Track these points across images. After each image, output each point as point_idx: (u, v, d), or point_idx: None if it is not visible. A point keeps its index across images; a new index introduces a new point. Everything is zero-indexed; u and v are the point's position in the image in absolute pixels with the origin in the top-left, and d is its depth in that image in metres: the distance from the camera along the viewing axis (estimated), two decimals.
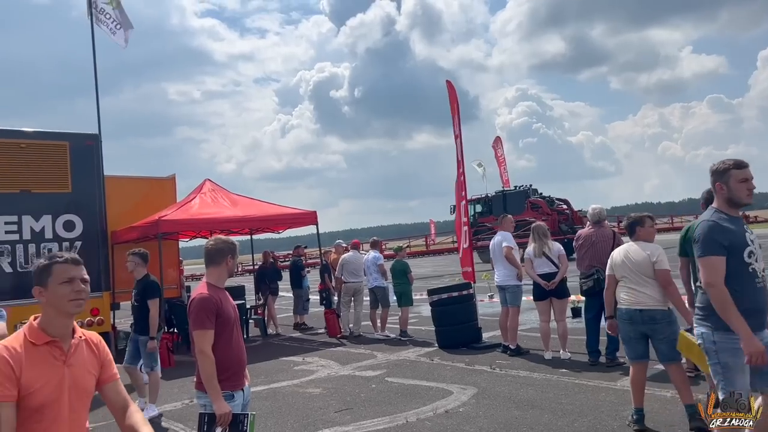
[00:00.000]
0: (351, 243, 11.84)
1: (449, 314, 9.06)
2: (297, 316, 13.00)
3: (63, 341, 2.28)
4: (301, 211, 12.08)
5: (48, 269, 2.31)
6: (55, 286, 2.29)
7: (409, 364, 8.27)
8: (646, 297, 4.93)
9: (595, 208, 7.36)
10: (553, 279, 7.69)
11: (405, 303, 10.47)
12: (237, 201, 11.85)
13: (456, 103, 9.98)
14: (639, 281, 4.98)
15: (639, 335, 4.97)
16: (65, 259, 2.34)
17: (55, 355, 2.25)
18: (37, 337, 2.24)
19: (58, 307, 2.28)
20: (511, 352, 8.24)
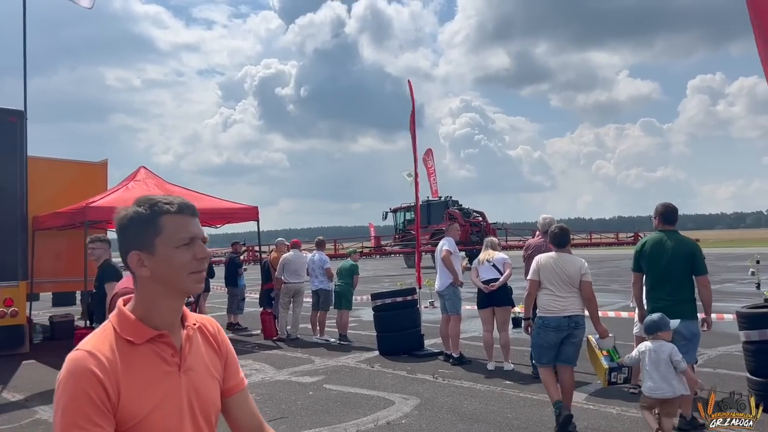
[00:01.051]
0: (291, 242, 11.38)
1: (392, 320, 8.76)
2: (231, 316, 12.43)
3: (173, 334, 1.46)
4: (241, 205, 11.56)
5: (154, 223, 1.41)
6: (168, 251, 1.40)
7: (349, 370, 7.92)
8: (573, 305, 5.17)
9: (546, 218, 7.22)
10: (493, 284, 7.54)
11: (345, 306, 10.11)
12: (173, 191, 11.18)
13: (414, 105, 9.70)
14: (566, 290, 5.18)
15: (556, 341, 5.21)
16: (179, 207, 1.44)
17: (166, 357, 1.43)
18: (137, 331, 1.40)
19: (172, 284, 1.43)
20: (453, 360, 8.02)
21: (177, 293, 1.46)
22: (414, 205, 34.75)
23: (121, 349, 1.37)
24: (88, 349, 1.34)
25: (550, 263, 5.28)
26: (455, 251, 8.22)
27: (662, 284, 5.14)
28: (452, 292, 8.10)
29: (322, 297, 10.30)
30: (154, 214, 1.40)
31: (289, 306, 10.79)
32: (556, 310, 5.16)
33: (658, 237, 5.27)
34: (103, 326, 1.43)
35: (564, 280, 5.18)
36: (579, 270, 5.21)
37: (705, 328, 5.22)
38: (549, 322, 5.18)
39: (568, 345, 5.20)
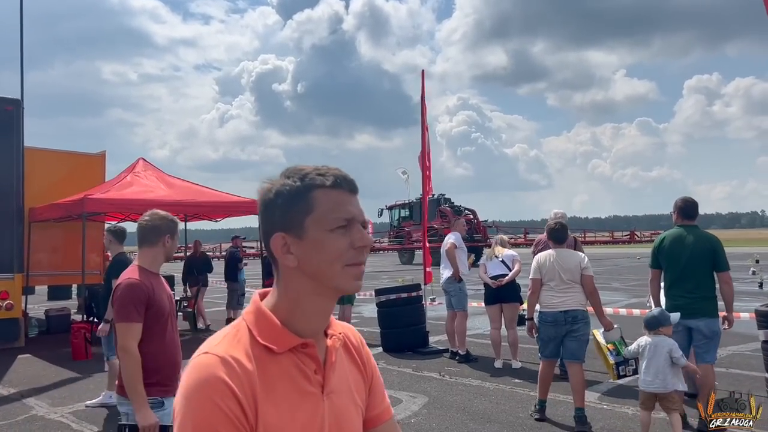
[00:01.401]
0: None
1: (396, 316, 8.58)
2: (230, 311, 12.22)
3: (316, 344, 1.13)
4: (243, 199, 11.33)
5: (305, 198, 1.09)
6: (320, 234, 1.09)
7: None
8: (572, 300, 5.19)
9: (558, 213, 7.03)
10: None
11: (347, 300, 9.93)
12: (172, 183, 11.00)
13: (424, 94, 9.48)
14: (566, 285, 5.20)
15: (558, 336, 5.24)
16: (335, 180, 1.12)
17: (308, 374, 1.11)
18: (280, 337, 1.09)
19: (323, 277, 1.10)
20: (459, 358, 7.85)
21: (328, 291, 1.11)
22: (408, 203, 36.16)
23: (259, 358, 1.06)
24: (220, 354, 1.04)
25: (549, 260, 5.32)
26: (461, 246, 8.05)
27: (682, 281, 4.97)
28: (458, 288, 7.93)
29: None
30: (306, 187, 1.09)
31: None
32: (553, 304, 5.23)
33: (678, 232, 5.10)
34: (235, 325, 1.12)
35: (563, 275, 5.21)
36: (579, 264, 5.24)
37: (726, 326, 5.07)
38: (546, 316, 5.27)
39: (570, 340, 5.21)
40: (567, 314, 5.19)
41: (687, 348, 4.95)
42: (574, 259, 5.30)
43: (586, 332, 5.26)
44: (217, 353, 1.05)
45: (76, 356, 8.73)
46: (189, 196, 10.67)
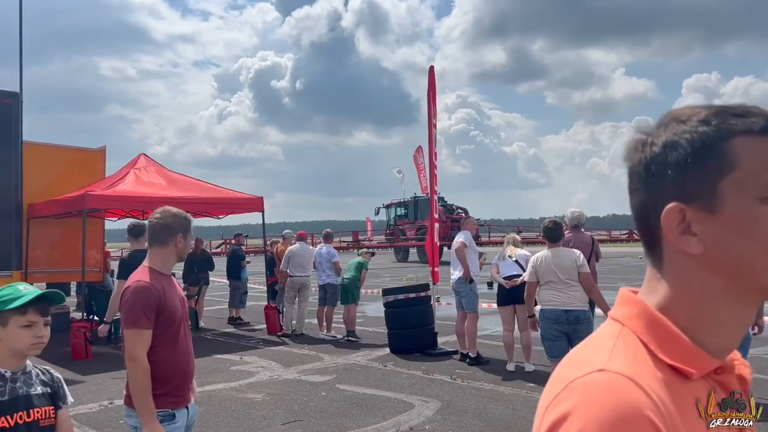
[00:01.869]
0: (297, 234, 10.98)
1: (405, 316, 8.37)
2: (233, 310, 12.02)
3: None
4: (246, 196, 11.14)
5: (722, 148, 0.73)
6: (750, 206, 0.72)
7: (361, 369, 7.53)
8: (572, 298, 5.24)
9: (574, 212, 6.85)
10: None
11: (351, 300, 9.73)
12: (175, 180, 10.78)
13: (433, 91, 9.22)
14: (565, 284, 5.26)
15: (561, 334, 5.29)
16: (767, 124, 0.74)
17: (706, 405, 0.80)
18: (693, 356, 0.76)
19: (756, 275, 0.74)
20: (470, 360, 7.64)
21: (753, 293, 0.76)
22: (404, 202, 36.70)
23: (669, 385, 0.73)
24: (629, 376, 0.70)
25: (545, 260, 5.39)
26: (471, 245, 7.84)
27: None
28: (468, 289, 7.72)
29: (330, 292, 9.90)
30: (721, 133, 0.73)
31: (294, 300, 10.40)
32: (554, 303, 5.31)
33: None
34: (614, 333, 0.79)
35: (561, 274, 5.28)
36: (574, 262, 5.30)
37: (756, 331, 4.88)
38: (548, 313, 5.34)
39: (575, 340, 5.16)
40: (569, 314, 5.26)
41: None
42: (569, 257, 5.36)
43: (590, 331, 5.17)
44: (626, 374, 0.70)
45: (76, 356, 8.52)
46: (191, 192, 10.46)
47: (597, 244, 6.73)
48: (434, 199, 9.07)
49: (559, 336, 5.31)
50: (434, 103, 9.04)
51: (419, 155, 37.45)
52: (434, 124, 9.05)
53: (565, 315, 5.24)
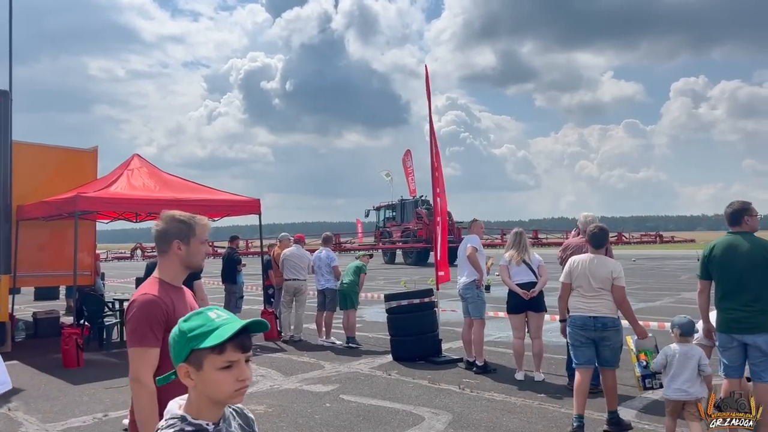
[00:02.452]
0: (294, 237, 10.70)
1: (408, 323, 8.12)
2: None
3: None
4: (242, 198, 10.84)
5: None
6: None
7: (364, 378, 7.28)
8: (601, 307, 5.08)
9: (587, 216, 6.62)
10: (532, 288, 6.92)
11: (350, 305, 9.46)
12: (169, 182, 10.46)
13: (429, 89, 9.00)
14: (596, 293, 5.10)
15: (588, 342, 5.12)
16: None
17: None
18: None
19: None
20: (477, 369, 7.41)
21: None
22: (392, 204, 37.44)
23: None
24: None
25: (581, 266, 5.23)
26: (480, 249, 7.62)
27: (738, 293, 4.56)
28: (476, 295, 7.50)
29: (329, 297, 9.64)
30: None
31: (291, 305, 10.14)
32: (582, 309, 5.15)
33: (730, 239, 4.68)
34: None
35: (593, 282, 5.11)
36: (610, 274, 5.12)
37: None
38: (575, 320, 5.18)
39: (602, 348, 5.12)
40: (596, 320, 5.08)
41: (742, 366, 4.56)
42: (606, 267, 5.16)
43: (617, 340, 5.14)
44: None
45: (68, 364, 8.20)
46: (185, 194, 10.14)
47: (611, 249, 6.50)
48: (437, 202, 8.78)
49: (585, 343, 5.14)
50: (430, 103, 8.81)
51: (408, 159, 39.37)
52: (433, 127, 8.78)
53: (593, 321, 5.08)
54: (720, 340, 4.65)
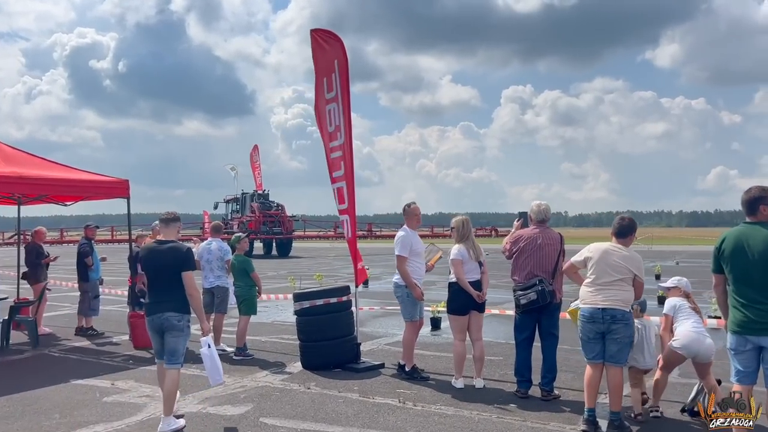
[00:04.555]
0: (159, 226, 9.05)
1: (323, 325, 7.01)
2: (82, 318, 9.79)
3: None
4: (104, 178, 9.03)
5: None
6: None
7: (281, 394, 6.09)
8: (611, 297, 4.83)
9: (540, 205, 5.99)
10: (480, 287, 6.17)
11: (248, 311, 8.14)
12: (11, 156, 8.38)
13: (321, 59, 7.68)
14: (608, 282, 4.86)
15: (597, 335, 4.87)
16: None
17: None
18: None
19: None
20: (404, 374, 6.54)
21: None
22: (237, 197, 38.42)
23: None
24: None
25: (599, 253, 4.98)
26: (414, 245, 6.63)
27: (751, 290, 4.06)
28: (405, 294, 6.58)
29: (220, 296, 8.21)
30: None
31: None
32: (590, 300, 4.90)
33: (743, 230, 4.20)
34: None
35: (608, 271, 4.87)
36: (634, 267, 4.90)
37: None
38: (584, 311, 4.95)
39: (609, 342, 4.85)
40: (605, 312, 4.81)
41: (756, 370, 4.08)
42: (630, 261, 4.92)
43: (626, 334, 4.88)
44: None
45: None
46: (33, 172, 8.19)
47: (564, 242, 5.95)
48: (340, 188, 7.53)
49: (594, 338, 4.87)
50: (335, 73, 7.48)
51: (255, 153, 40.17)
52: (332, 99, 7.51)
53: (601, 313, 4.81)
54: (732, 341, 4.14)
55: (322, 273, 14.11)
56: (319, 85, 7.72)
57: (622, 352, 4.86)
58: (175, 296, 5.02)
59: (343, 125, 7.39)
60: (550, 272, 5.78)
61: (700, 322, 5.22)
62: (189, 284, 5.03)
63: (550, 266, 5.79)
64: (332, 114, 7.49)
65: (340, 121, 7.44)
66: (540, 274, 5.76)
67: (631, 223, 5.12)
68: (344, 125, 7.37)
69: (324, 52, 7.63)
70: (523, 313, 5.87)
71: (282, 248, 35.69)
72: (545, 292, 5.67)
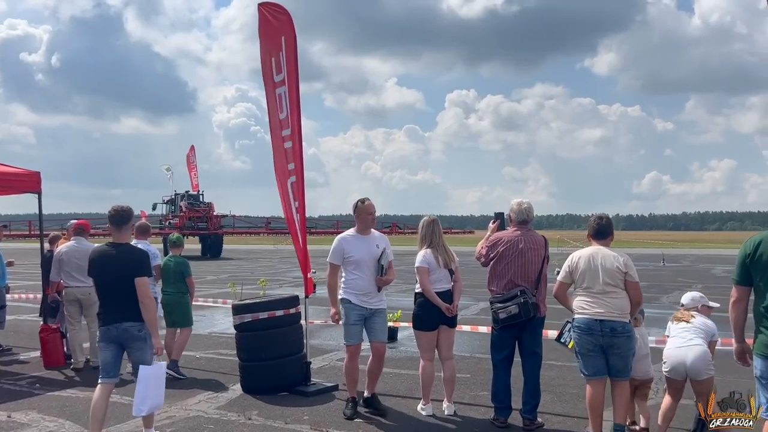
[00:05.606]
0: (74, 226, 7.86)
1: (268, 342, 6.05)
2: None
3: None
4: (12, 169, 7.77)
5: None
6: None
7: (215, 427, 5.10)
8: (608, 307, 4.39)
9: (522, 203, 5.21)
10: (450, 299, 5.33)
11: (183, 323, 7.09)
12: None
13: (268, 36, 6.69)
14: (603, 290, 4.42)
15: (597, 348, 4.42)
16: None
17: None
18: None
19: None
20: (364, 401, 5.63)
21: None
22: (172, 198, 37.12)
23: None
24: None
25: (585, 260, 4.51)
26: (352, 255, 5.40)
27: None
28: (342, 311, 5.46)
29: None
30: None
31: (80, 319, 7.40)
32: (587, 311, 4.45)
33: None
34: None
35: (601, 279, 4.41)
36: (620, 268, 4.43)
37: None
38: (579, 323, 4.49)
39: (611, 356, 4.42)
40: (603, 324, 4.37)
41: None
42: (616, 260, 4.46)
43: (630, 347, 4.45)
44: None
45: None
46: None
47: (548, 247, 5.20)
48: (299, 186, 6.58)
49: (593, 350, 4.43)
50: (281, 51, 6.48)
51: (192, 154, 39.99)
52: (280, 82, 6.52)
53: (599, 325, 4.38)
54: (760, 367, 3.45)
55: (267, 277, 13.10)
56: (267, 67, 6.74)
57: (626, 366, 4.46)
58: (132, 304, 4.46)
59: (293, 111, 6.43)
60: (533, 281, 5.02)
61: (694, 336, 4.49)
62: (142, 291, 4.46)
63: (533, 274, 5.03)
64: (282, 99, 6.51)
65: (290, 107, 6.48)
66: (522, 284, 4.98)
67: (609, 223, 4.71)
68: (294, 112, 6.41)
69: (271, 27, 6.64)
70: (501, 329, 5.08)
71: (212, 249, 36.27)
72: (528, 304, 4.88)
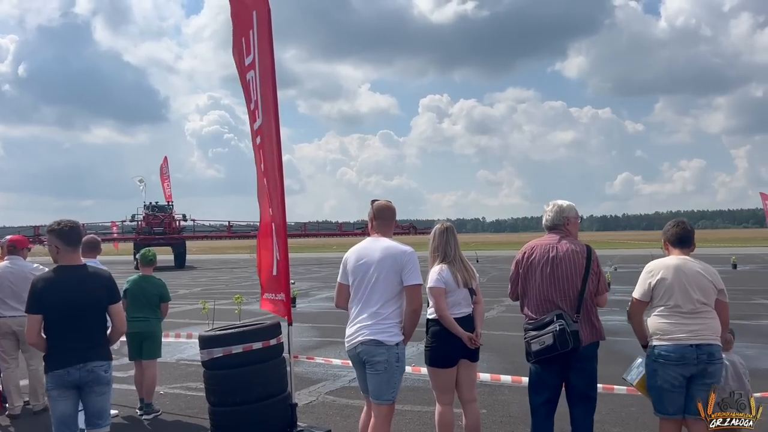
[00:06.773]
0: (7, 243, 6.54)
1: (245, 382, 4.95)
2: None
3: None
4: None
5: None
6: None
7: None
8: (703, 328, 3.76)
9: (553, 205, 4.22)
10: (472, 327, 4.26)
11: (153, 354, 5.99)
12: None
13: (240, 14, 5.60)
14: (695, 309, 3.77)
15: (684, 380, 3.78)
16: None
17: None
18: None
19: None
20: None
21: None
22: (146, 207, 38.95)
23: None
24: None
25: (671, 274, 3.82)
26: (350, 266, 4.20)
27: None
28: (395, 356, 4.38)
29: None
30: None
31: (16, 356, 6.15)
32: (679, 335, 3.75)
33: None
34: None
35: (695, 294, 3.76)
36: (712, 284, 3.80)
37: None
38: (667, 351, 3.76)
39: (698, 388, 3.76)
40: (700, 350, 3.72)
41: None
42: (708, 272, 3.83)
43: (720, 377, 3.84)
44: None
45: None
46: None
47: (596, 256, 4.15)
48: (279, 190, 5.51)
49: (680, 385, 3.76)
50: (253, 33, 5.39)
51: (165, 166, 41.14)
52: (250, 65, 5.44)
53: (695, 351, 3.71)
54: None
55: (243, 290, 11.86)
56: (238, 50, 5.69)
57: (707, 401, 3.80)
58: (101, 339, 3.80)
59: (264, 99, 5.30)
60: (573, 301, 3.96)
61: None
62: (120, 321, 3.87)
63: (573, 291, 3.96)
64: (252, 86, 5.43)
65: (259, 94, 5.35)
66: (558, 304, 3.95)
67: (692, 229, 4.07)
68: (266, 99, 5.27)
69: (243, 5, 5.57)
70: (539, 365, 4.04)
71: (176, 259, 37.65)
72: (566, 333, 3.81)
